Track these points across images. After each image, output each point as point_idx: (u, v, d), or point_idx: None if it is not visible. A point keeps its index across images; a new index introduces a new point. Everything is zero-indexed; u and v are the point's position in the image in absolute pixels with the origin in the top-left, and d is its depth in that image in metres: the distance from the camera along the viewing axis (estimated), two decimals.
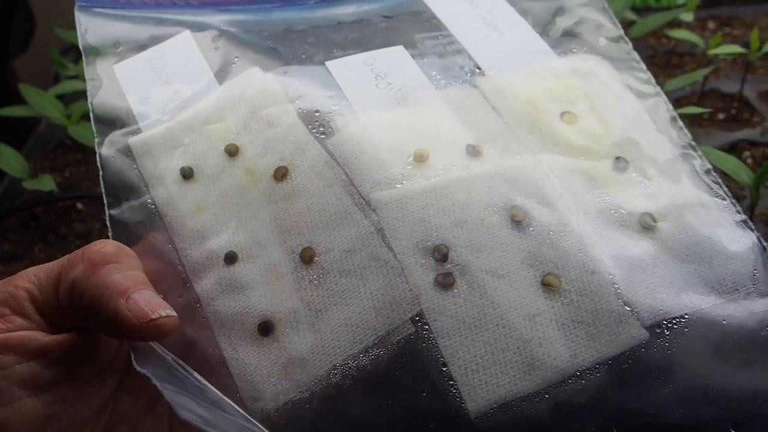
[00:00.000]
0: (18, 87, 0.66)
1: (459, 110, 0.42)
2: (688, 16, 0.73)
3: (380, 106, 0.42)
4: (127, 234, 0.39)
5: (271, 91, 0.42)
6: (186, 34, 0.45)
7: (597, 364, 0.35)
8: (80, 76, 0.70)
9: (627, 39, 0.49)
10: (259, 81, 0.42)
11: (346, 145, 0.40)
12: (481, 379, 0.34)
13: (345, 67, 0.44)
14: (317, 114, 0.41)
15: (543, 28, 0.48)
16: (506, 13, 0.49)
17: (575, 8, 0.50)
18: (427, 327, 0.35)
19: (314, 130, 0.41)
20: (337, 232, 0.38)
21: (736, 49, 0.66)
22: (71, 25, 0.45)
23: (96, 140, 0.42)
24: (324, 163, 0.39)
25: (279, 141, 0.40)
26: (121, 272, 0.33)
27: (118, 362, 0.36)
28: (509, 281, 0.36)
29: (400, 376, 0.34)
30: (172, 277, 0.38)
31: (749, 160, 0.63)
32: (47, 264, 0.34)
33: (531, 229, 0.38)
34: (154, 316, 0.32)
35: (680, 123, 0.45)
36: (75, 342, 0.34)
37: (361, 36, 0.46)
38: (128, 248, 0.35)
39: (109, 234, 0.39)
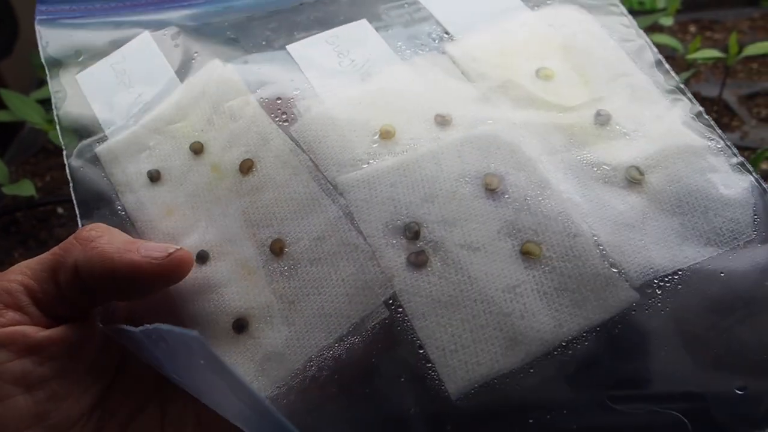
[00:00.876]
0: None
1: (426, 80, 0.41)
2: (667, 21, 0.72)
3: (343, 85, 0.41)
4: None
5: (232, 83, 0.41)
6: (145, 36, 0.44)
7: (584, 332, 0.33)
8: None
9: None
10: (220, 74, 0.41)
11: (310, 129, 0.39)
12: (461, 359, 0.33)
13: (306, 49, 0.42)
14: (279, 101, 0.40)
15: None
16: None
17: None
18: (401, 310, 0.34)
19: (277, 119, 0.40)
20: (305, 220, 0.37)
21: (714, 53, 0.66)
22: None
23: (65, 152, 0.41)
24: (289, 151, 0.38)
25: (242, 134, 0.39)
26: (118, 237, 0.34)
27: (109, 360, 0.36)
28: (486, 253, 0.35)
29: (377, 362, 0.33)
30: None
31: None
32: (38, 256, 0.35)
33: (507, 196, 0.36)
34: (171, 251, 0.33)
35: (667, 66, 0.43)
36: (68, 337, 0.33)
37: (324, 15, 0.44)
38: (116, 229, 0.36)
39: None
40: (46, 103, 0.68)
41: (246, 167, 0.38)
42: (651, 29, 0.77)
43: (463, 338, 0.33)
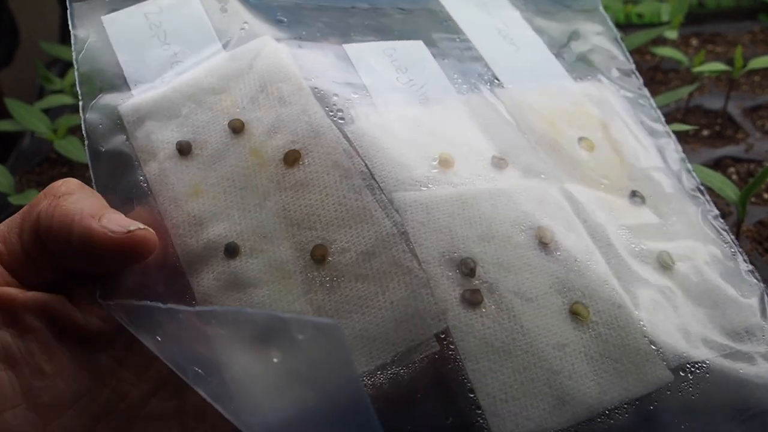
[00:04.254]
0: (2, 100, 0.65)
1: (481, 119, 0.39)
2: (672, 34, 0.72)
3: (402, 102, 0.39)
4: None
5: (284, 65, 0.38)
6: None
7: (625, 404, 0.33)
8: (66, 91, 0.68)
9: (638, 75, 0.48)
10: (272, 51, 0.38)
11: (367, 135, 0.36)
12: (510, 411, 0.31)
13: (364, 54, 0.40)
14: (336, 98, 0.37)
15: (558, 49, 0.47)
16: (521, 29, 0.47)
17: (590, 35, 0.49)
18: (453, 347, 0.32)
19: (331, 114, 0.37)
20: (354, 230, 0.34)
21: (720, 66, 0.66)
22: (56, 38, 0.39)
23: (81, 103, 0.36)
24: (342, 150, 0.35)
25: (291, 121, 0.36)
26: (89, 199, 0.31)
27: (111, 335, 0.31)
28: (538, 306, 0.33)
29: (422, 398, 0.31)
30: (163, 265, 0.32)
31: (734, 177, 0.63)
32: (10, 217, 0.31)
33: (558, 253, 0.35)
34: (132, 228, 0.29)
35: (689, 165, 0.45)
36: (48, 304, 0.30)
37: (378, 25, 0.43)
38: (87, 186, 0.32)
39: None
40: (48, 112, 0.66)
41: (292, 158, 0.35)
42: (654, 42, 0.78)
43: (513, 389, 0.31)
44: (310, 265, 0.33)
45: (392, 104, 0.38)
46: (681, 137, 0.67)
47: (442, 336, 0.32)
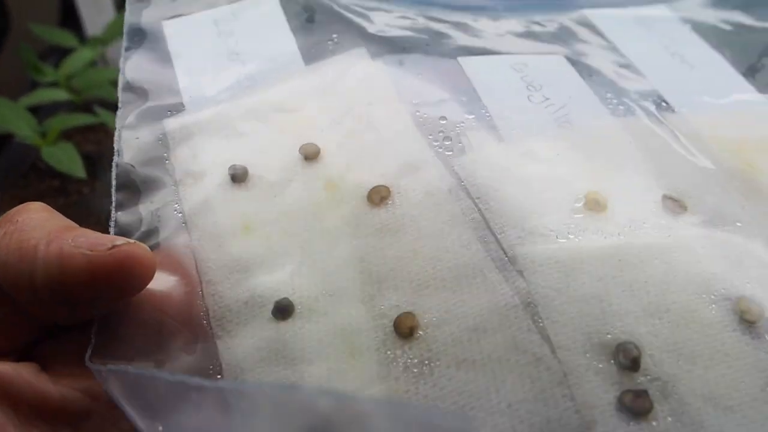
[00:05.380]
0: None
1: (647, 149, 0.29)
2: None
3: (533, 126, 0.29)
4: None
5: (380, 83, 0.29)
6: None
7: None
8: (60, 84, 0.56)
9: None
10: (365, 67, 0.30)
11: (483, 170, 0.27)
12: None
13: (485, 67, 0.31)
14: (443, 122, 0.28)
15: (746, 68, 0.35)
16: (695, 45, 0.36)
17: None
18: None
19: (436, 143, 0.27)
20: (458, 295, 0.23)
21: None
22: (54, 21, 0.32)
23: (118, 112, 0.29)
24: (447, 190, 0.26)
25: (382, 150, 0.27)
26: (59, 220, 0.22)
27: (100, 414, 0.23)
28: (743, 419, 0.21)
29: None
30: (186, 324, 0.24)
31: None
32: None
33: None
34: (117, 243, 0.21)
35: None
36: (10, 380, 0.21)
37: None
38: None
39: None
40: (38, 111, 0.54)
41: (378, 196, 0.26)
42: None
43: None
44: (391, 340, 0.23)
45: (520, 128, 0.28)
46: None
47: None
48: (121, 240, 0.21)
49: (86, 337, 0.22)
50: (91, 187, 0.58)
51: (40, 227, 0.21)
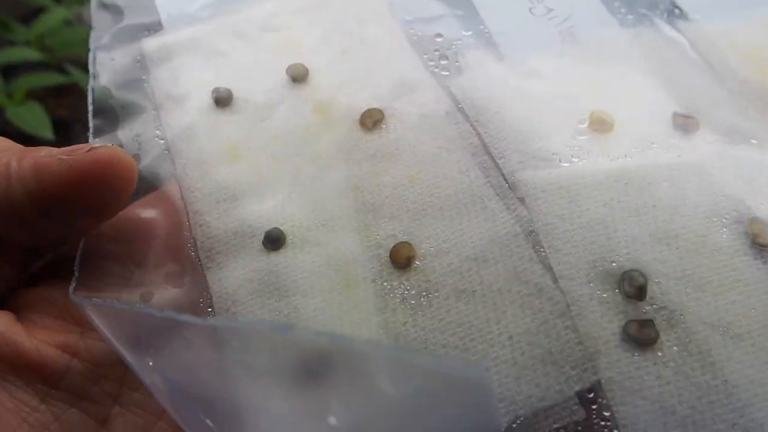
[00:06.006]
0: None
1: (657, 62, 0.27)
2: None
3: (536, 41, 0.27)
4: None
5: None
6: None
7: None
8: (32, 43, 0.52)
9: None
10: None
11: (482, 91, 0.25)
12: None
13: None
14: (438, 40, 0.26)
15: None
16: None
17: None
18: (607, 414, 0.20)
19: (432, 63, 0.26)
20: (457, 224, 0.22)
21: None
22: None
23: (92, 34, 0.27)
24: (444, 113, 0.24)
25: (375, 71, 0.25)
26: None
27: (85, 374, 0.21)
28: (753, 348, 0.21)
29: None
30: (173, 256, 0.23)
31: None
32: None
33: None
34: (88, 148, 0.19)
35: None
36: None
37: None
38: None
39: None
40: (9, 72, 0.50)
41: (371, 120, 0.24)
42: None
43: None
44: (388, 271, 0.22)
45: (520, 45, 0.27)
46: None
47: (590, 395, 0.20)
48: (98, 145, 0.20)
49: (65, 285, 0.21)
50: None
51: (7, 149, 0.20)
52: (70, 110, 0.58)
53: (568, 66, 0.26)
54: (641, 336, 0.20)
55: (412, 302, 0.21)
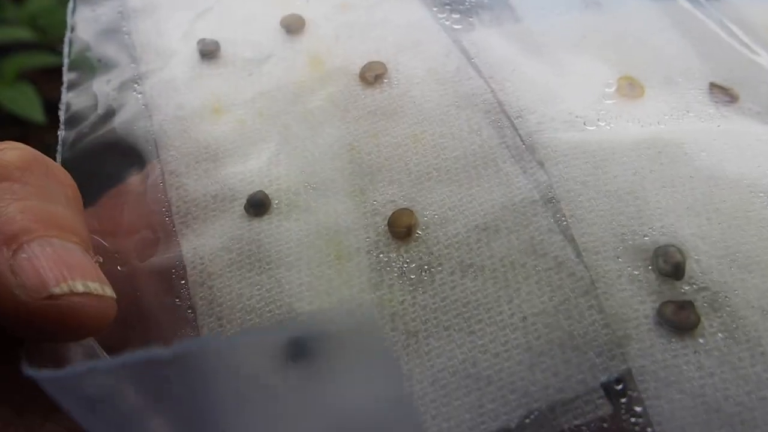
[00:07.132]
0: None
1: (689, 34, 0.24)
2: None
3: (556, 5, 0.24)
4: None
5: None
6: None
7: None
8: (22, 22, 0.49)
9: None
10: None
11: (497, 47, 0.22)
12: None
13: None
14: None
15: None
16: None
17: None
18: (639, 409, 0.17)
19: (442, 16, 0.23)
20: (466, 189, 0.20)
21: None
22: None
23: None
24: (454, 68, 0.22)
25: (377, 22, 0.23)
26: (20, 200, 0.16)
27: None
28: None
29: None
30: (144, 221, 0.20)
31: None
32: None
33: None
34: (56, 290, 0.15)
35: None
36: None
37: None
38: (50, 160, 0.17)
39: (60, 129, 0.22)
40: None
41: (373, 74, 0.22)
42: None
43: None
44: (385, 241, 0.19)
45: (539, 8, 0.24)
46: None
47: (619, 387, 0.17)
48: (77, 285, 0.15)
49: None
50: (55, 136, 0.53)
51: (14, 216, 0.15)
52: None
53: (591, 31, 0.23)
54: (679, 319, 0.17)
55: (412, 277, 0.19)
